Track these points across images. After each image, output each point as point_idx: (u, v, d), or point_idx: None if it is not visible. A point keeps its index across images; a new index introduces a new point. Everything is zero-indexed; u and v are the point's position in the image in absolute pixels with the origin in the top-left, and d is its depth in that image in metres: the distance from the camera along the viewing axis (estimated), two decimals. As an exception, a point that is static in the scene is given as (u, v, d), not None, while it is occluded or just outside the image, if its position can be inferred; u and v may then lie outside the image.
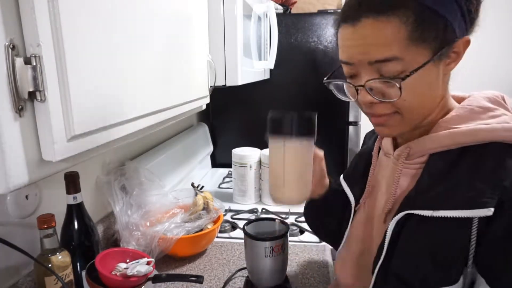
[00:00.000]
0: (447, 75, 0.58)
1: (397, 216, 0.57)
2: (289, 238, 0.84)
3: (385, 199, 0.65)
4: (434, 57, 0.52)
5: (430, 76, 0.54)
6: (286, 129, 0.64)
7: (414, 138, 0.61)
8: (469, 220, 0.50)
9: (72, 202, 0.77)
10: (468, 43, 0.55)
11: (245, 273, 0.95)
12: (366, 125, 1.34)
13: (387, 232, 0.58)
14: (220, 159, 1.96)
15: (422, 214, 0.53)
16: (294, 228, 1.20)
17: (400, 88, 0.52)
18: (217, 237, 1.15)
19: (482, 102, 0.59)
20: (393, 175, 0.63)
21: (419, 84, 0.54)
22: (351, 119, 1.77)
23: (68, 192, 0.76)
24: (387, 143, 0.69)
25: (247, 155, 1.42)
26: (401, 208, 0.57)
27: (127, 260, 0.79)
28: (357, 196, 0.72)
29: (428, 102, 0.57)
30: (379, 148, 0.72)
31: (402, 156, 0.62)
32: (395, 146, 0.67)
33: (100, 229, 0.98)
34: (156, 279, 0.78)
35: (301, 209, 1.40)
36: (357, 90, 0.56)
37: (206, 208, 1.12)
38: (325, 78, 0.63)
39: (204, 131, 1.84)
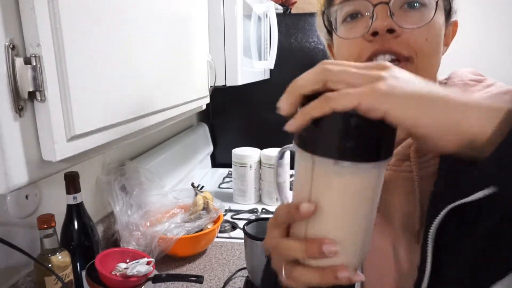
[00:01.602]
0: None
1: (440, 214, 0.44)
2: (289, 238, 0.84)
3: (407, 216, 0.52)
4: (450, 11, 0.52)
5: (442, 31, 0.52)
6: (332, 140, 0.32)
7: (403, 140, 0.54)
8: None
9: (72, 202, 0.77)
10: (456, 26, 0.54)
11: (245, 273, 0.95)
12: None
13: (429, 238, 0.45)
14: (220, 159, 1.96)
15: (469, 201, 0.41)
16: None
17: (436, 3, 0.49)
18: (217, 237, 1.15)
19: (470, 75, 0.57)
20: (409, 185, 0.52)
21: (439, 28, 0.51)
22: (351, 119, 1.76)
23: (68, 192, 0.76)
24: None
25: (247, 155, 1.42)
26: (436, 208, 0.45)
27: (127, 260, 0.79)
28: None
29: (437, 62, 0.53)
30: None
31: (413, 158, 0.52)
32: None
33: (100, 229, 0.98)
34: (156, 279, 0.78)
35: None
36: (372, 16, 0.49)
37: (206, 208, 1.12)
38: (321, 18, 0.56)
39: (204, 131, 1.84)
